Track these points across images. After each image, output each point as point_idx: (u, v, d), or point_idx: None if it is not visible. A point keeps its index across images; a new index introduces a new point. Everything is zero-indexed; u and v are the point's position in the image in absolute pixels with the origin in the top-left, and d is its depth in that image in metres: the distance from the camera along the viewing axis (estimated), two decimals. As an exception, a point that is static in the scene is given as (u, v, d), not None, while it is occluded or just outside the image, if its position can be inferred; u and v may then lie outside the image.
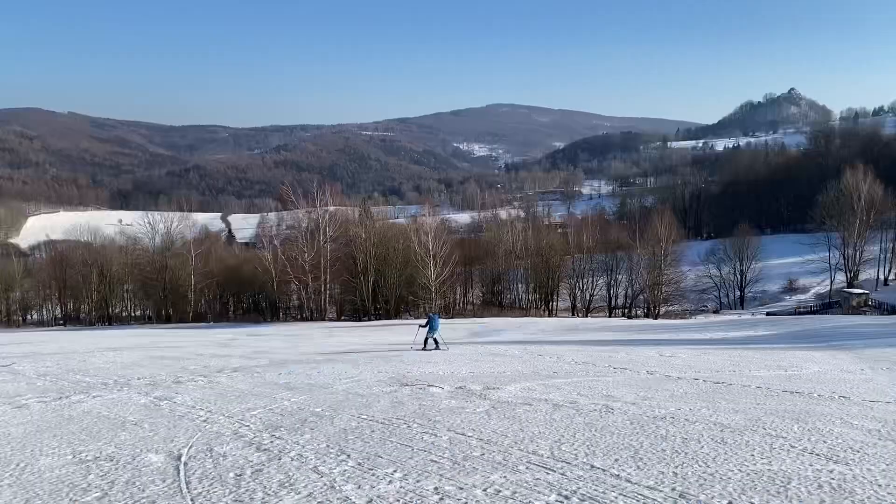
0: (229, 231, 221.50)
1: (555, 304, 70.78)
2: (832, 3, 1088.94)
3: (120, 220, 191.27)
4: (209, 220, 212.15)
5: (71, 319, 74.70)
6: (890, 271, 78.64)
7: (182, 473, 6.75)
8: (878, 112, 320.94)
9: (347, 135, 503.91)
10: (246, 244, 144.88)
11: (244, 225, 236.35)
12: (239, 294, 77.75)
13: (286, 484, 6.29)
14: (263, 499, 5.88)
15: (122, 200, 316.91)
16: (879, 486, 5.87)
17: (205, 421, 9.59)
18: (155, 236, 69.92)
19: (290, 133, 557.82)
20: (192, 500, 5.90)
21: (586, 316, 65.23)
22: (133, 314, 79.06)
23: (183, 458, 7.36)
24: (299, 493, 6.01)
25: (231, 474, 6.68)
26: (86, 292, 72.92)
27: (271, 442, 8.09)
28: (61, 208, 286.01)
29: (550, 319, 54.29)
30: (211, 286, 71.79)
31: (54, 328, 64.19)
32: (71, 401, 11.75)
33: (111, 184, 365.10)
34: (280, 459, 7.21)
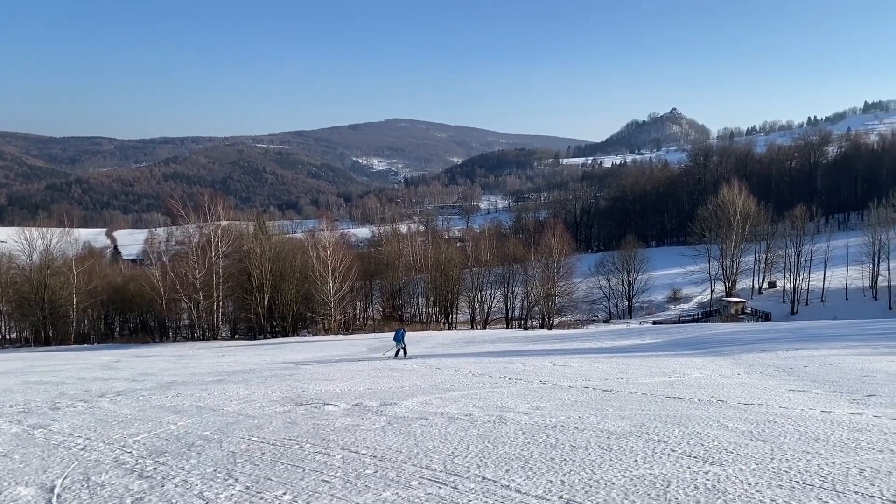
0: (115, 247, 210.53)
1: (454, 316, 71.46)
2: (710, 29, 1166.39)
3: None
4: (93, 235, 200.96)
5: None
6: (763, 281, 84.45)
7: (53, 508, 6.32)
8: (751, 132, 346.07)
9: (241, 147, 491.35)
10: (133, 261, 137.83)
11: (131, 241, 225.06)
12: (125, 313, 73.82)
13: (168, 513, 6.01)
14: (142, 530, 5.59)
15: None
16: (749, 484, 6.25)
17: (83, 449, 9.03)
18: (32, 253, 65.14)
19: (180, 145, 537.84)
20: (62, 536, 5.53)
21: (485, 328, 66.20)
22: (8, 337, 73.37)
23: (56, 490, 6.90)
24: (182, 522, 5.76)
25: (108, 506, 6.32)
26: (-48, 315, 67.14)
27: (154, 468, 7.71)
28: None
29: (450, 332, 54.71)
30: (95, 306, 67.72)
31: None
32: (-73, 434, 10.76)
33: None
34: (163, 486, 6.88)
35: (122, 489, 6.86)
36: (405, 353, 25.74)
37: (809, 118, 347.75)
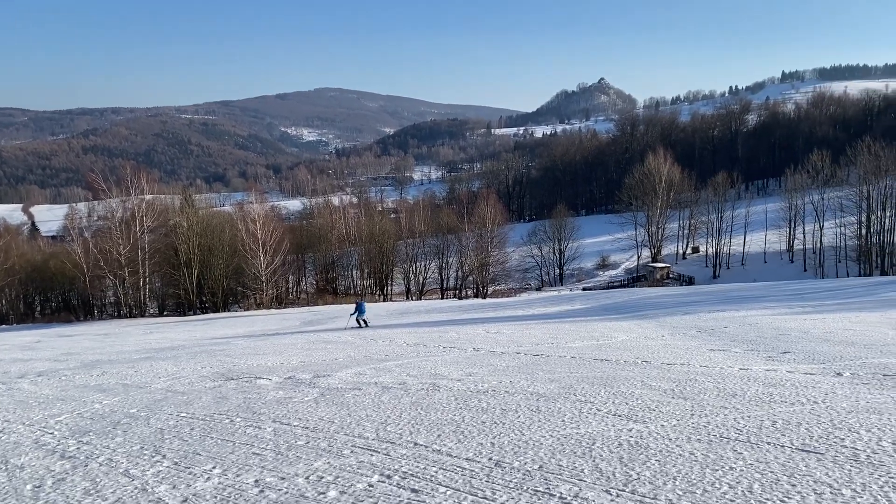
0: (32, 224, 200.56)
1: (389, 288, 71.40)
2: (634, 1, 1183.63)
3: None
4: (8, 212, 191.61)
5: None
6: (687, 246, 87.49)
7: (-32, 493, 6.07)
8: (676, 101, 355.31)
9: (165, 118, 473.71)
10: (53, 237, 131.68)
11: (50, 217, 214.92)
12: (46, 292, 70.79)
13: (92, 491, 5.85)
14: (64, 511, 5.44)
15: None
16: (670, 439, 6.52)
17: (0, 431, 8.68)
18: (-62, 231, 61.63)
19: (99, 116, 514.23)
20: (-23, 521, 5.33)
21: (420, 299, 66.45)
22: (-86, 320, 69.45)
23: (-30, 476, 6.62)
24: (106, 499, 5.62)
25: (28, 486, 6.12)
26: None
27: (77, 448, 7.48)
28: None
29: (385, 304, 54.70)
30: (13, 285, 64.60)
31: None
32: None
33: None
34: (87, 466, 6.69)
35: (42, 470, 6.64)
36: (366, 324, 26.12)
37: (731, 88, 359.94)
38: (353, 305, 27.93)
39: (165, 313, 58.54)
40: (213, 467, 6.35)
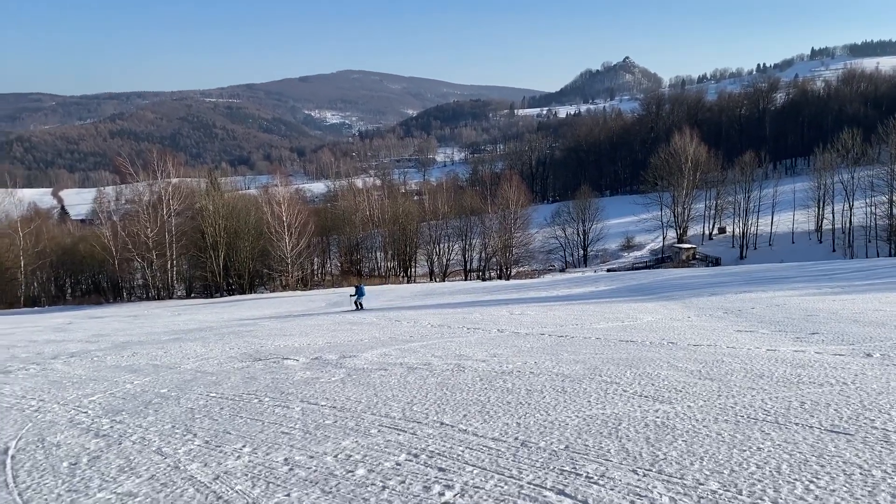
0: (62, 207, 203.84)
1: (413, 270, 71.66)
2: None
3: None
4: (38, 196, 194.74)
5: None
6: (714, 227, 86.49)
7: (8, 467, 6.26)
8: (702, 80, 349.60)
9: (190, 102, 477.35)
10: (82, 221, 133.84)
11: (79, 200, 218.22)
12: (76, 275, 72.11)
13: (126, 468, 6.00)
14: (101, 485, 5.58)
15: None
16: (697, 420, 6.50)
17: (36, 410, 8.91)
18: (-26, 215, 62.97)
19: (126, 101, 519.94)
20: (19, 494, 5.49)
21: (443, 280, 66.63)
22: (-48, 302, 71.18)
23: (10, 452, 6.82)
24: (140, 476, 5.76)
25: (65, 464, 6.28)
26: None
27: (111, 427, 7.66)
28: None
29: (409, 286, 54.92)
30: (44, 268, 65.94)
31: None
32: None
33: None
34: (120, 444, 6.85)
35: (78, 448, 6.81)
36: (361, 306, 26.86)
37: (759, 65, 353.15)
38: (353, 288, 28.93)
39: (193, 295, 59.35)
40: (243, 446, 6.46)
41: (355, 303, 27.21)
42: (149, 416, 8.09)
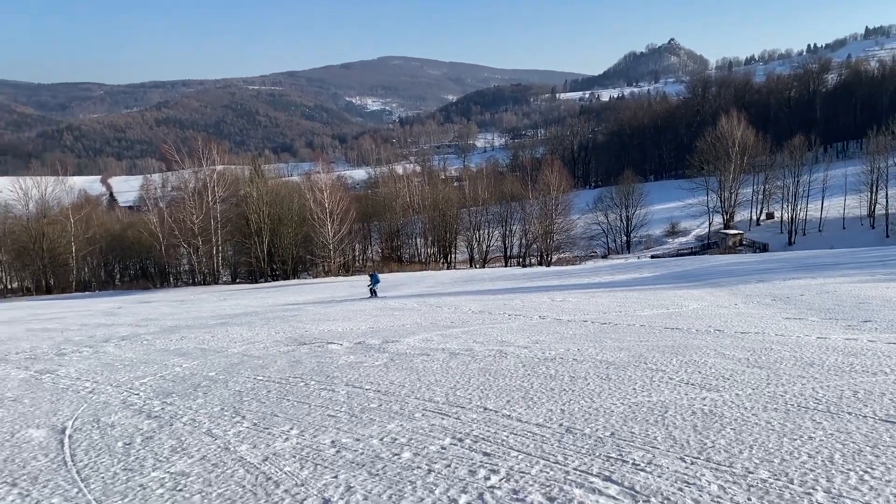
0: (111, 194, 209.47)
1: (453, 256, 71.81)
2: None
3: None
4: (88, 183, 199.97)
5: (-64, 296, 68.93)
6: (761, 212, 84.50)
7: (66, 446, 6.48)
8: (750, 61, 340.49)
9: (233, 90, 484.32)
10: (129, 207, 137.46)
11: (126, 187, 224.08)
12: (125, 260, 74.20)
13: (178, 449, 6.16)
14: (154, 465, 5.74)
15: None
16: (746, 408, 6.39)
17: (91, 392, 9.19)
18: (28, 203, 65.03)
19: (171, 89, 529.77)
20: (77, 472, 5.68)
21: (483, 267, 66.59)
22: (9, 287, 73.89)
23: (67, 431, 7.05)
24: (192, 456, 5.90)
25: (120, 443, 6.47)
26: (-48, 266, 67.48)
27: (162, 409, 7.87)
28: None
29: (449, 272, 55.05)
30: (94, 253, 68.02)
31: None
32: (-63, 382, 10.94)
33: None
34: (172, 425, 7.03)
35: (131, 429, 7.01)
36: (374, 294, 27.43)
37: (809, 46, 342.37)
38: (369, 277, 29.64)
39: (238, 281, 60.50)
40: (291, 428, 6.58)
41: (370, 290, 27.69)
42: (198, 399, 8.28)
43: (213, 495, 4.98)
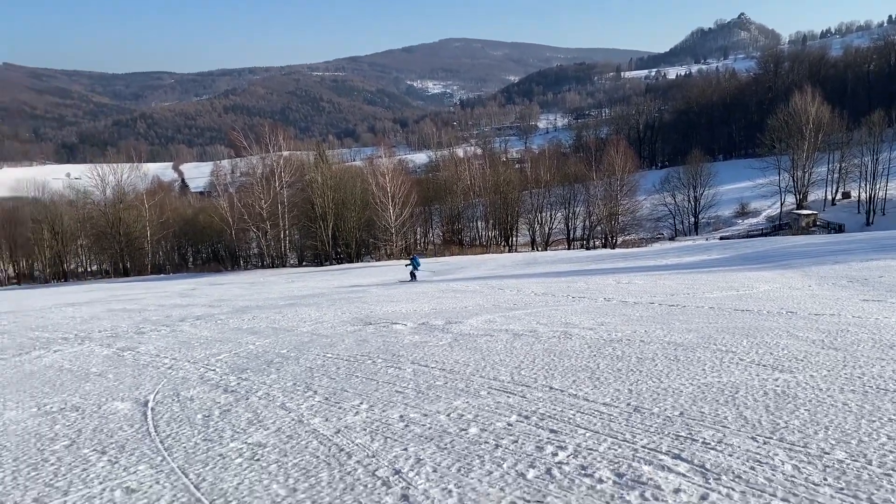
0: (182, 180, 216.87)
1: (514, 239, 71.54)
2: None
3: (67, 174, 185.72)
4: (160, 169, 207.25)
5: (25, 278, 72.99)
6: (837, 191, 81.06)
7: (150, 418, 6.82)
8: (826, 34, 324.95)
9: (298, 76, 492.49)
10: (200, 193, 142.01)
11: (197, 174, 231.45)
12: (197, 244, 76.80)
13: (254, 421, 6.42)
14: (233, 436, 6.00)
15: (67, 153, 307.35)
16: (821, 389, 6.23)
17: (170, 368, 9.62)
18: (105, 189, 67.94)
19: (238, 77, 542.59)
20: (161, 441, 5.99)
21: (546, 249, 66.13)
22: (89, 269, 77.63)
23: (150, 404, 7.42)
24: (268, 428, 6.15)
25: (199, 416, 6.78)
26: (38, 250, 71.22)
27: (238, 384, 8.18)
28: (5, 164, 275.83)
29: (510, 255, 54.90)
30: (168, 237, 70.73)
31: (8, 287, 62.68)
32: (31, 356, 11.64)
33: (55, 136, 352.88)
34: (248, 399, 7.32)
35: (209, 402, 7.33)
36: (414, 277, 27.98)
37: (890, 17, 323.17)
38: (409, 259, 30.31)
39: (304, 263, 61.85)
40: (361, 403, 6.76)
41: (411, 273, 28.10)
42: (271, 374, 8.58)
43: (290, 465, 5.19)
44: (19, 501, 4.89)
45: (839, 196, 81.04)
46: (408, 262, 29.57)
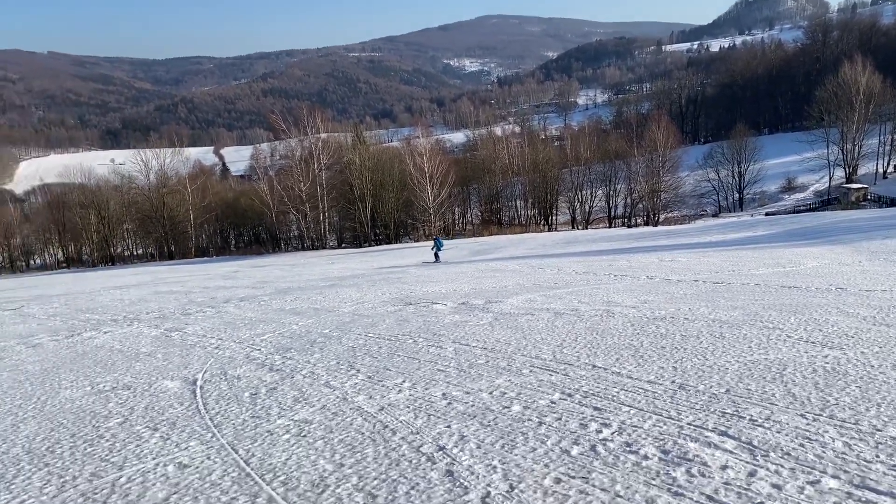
0: (223, 164, 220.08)
1: (554, 218, 71.01)
2: None
3: (112, 160, 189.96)
4: (202, 154, 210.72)
5: (73, 262, 75.18)
6: (889, 164, 78.34)
7: (199, 396, 7.00)
8: (877, 1, 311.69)
9: (334, 58, 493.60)
10: (241, 176, 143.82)
11: (237, 157, 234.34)
12: (239, 227, 77.99)
13: (300, 399, 6.54)
14: (279, 413, 6.12)
15: (111, 139, 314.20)
16: (872, 366, 6.08)
17: (216, 348, 9.84)
18: (149, 174, 69.42)
19: (275, 60, 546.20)
20: (210, 419, 6.14)
21: (586, 228, 65.53)
22: (135, 253, 79.62)
23: (198, 383, 7.61)
24: (313, 406, 6.25)
25: (246, 394, 6.93)
26: (86, 234, 73.19)
27: (283, 363, 8.33)
28: (52, 151, 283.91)
29: (550, 234, 54.55)
30: (210, 221, 71.98)
31: (58, 271, 64.69)
32: (83, 337, 12.02)
33: (99, 123, 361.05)
34: (293, 378, 7.45)
35: (256, 381, 7.48)
36: (438, 258, 27.91)
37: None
38: (433, 241, 29.91)
39: (343, 245, 62.42)
40: (403, 381, 6.83)
41: (434, 254, 28.13)
42: (315, 354, 8.71)
43: (335, 441, 5.27)
44: (77, 476, 5.07)
45: (891, 169, 78.25)
46: (432, 244, 29.72)
